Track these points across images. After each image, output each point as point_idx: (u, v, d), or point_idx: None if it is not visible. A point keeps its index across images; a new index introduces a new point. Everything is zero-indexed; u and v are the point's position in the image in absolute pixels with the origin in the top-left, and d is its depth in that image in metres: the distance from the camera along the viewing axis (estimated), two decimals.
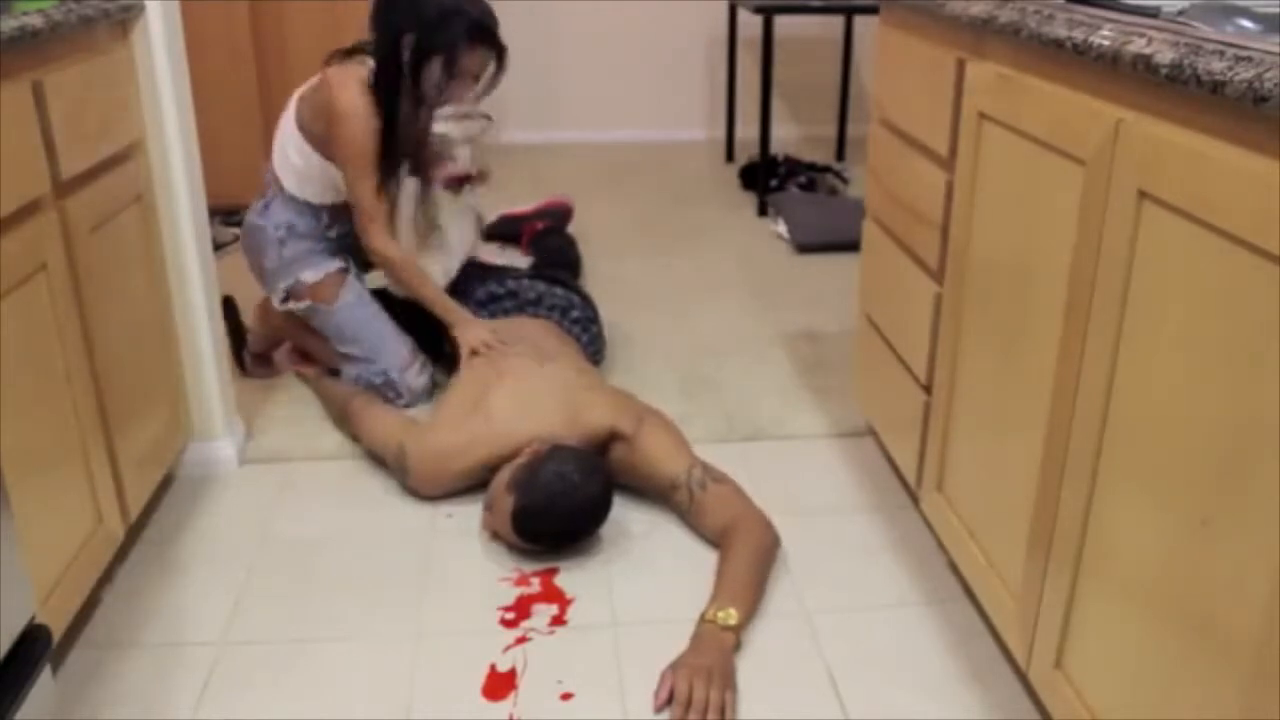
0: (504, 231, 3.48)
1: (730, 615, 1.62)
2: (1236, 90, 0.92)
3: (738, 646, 1.61)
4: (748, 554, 1.76)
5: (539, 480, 1.78)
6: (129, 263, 1.80)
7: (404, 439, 2.03)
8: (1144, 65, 1.06)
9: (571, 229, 3.45)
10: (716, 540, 1.85)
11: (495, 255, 3.04)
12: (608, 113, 5.06)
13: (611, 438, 1.95)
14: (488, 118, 2.89)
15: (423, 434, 2.03)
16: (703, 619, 1.63)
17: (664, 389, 2.41)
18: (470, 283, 2.43)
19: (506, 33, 2.21)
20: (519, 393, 2.02)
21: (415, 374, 2.37)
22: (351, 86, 2.17)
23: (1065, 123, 1.25)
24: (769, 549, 1.81)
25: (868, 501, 2.03)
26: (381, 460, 2.11)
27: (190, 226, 1.97)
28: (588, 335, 2.41)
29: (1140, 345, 1.11)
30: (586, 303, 2.49)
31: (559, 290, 2.44)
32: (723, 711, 1.48)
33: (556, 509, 1.78)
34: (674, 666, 1.55)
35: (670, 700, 1.50)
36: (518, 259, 3.21)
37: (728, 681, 1.53)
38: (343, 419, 2.25)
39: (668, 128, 5.10)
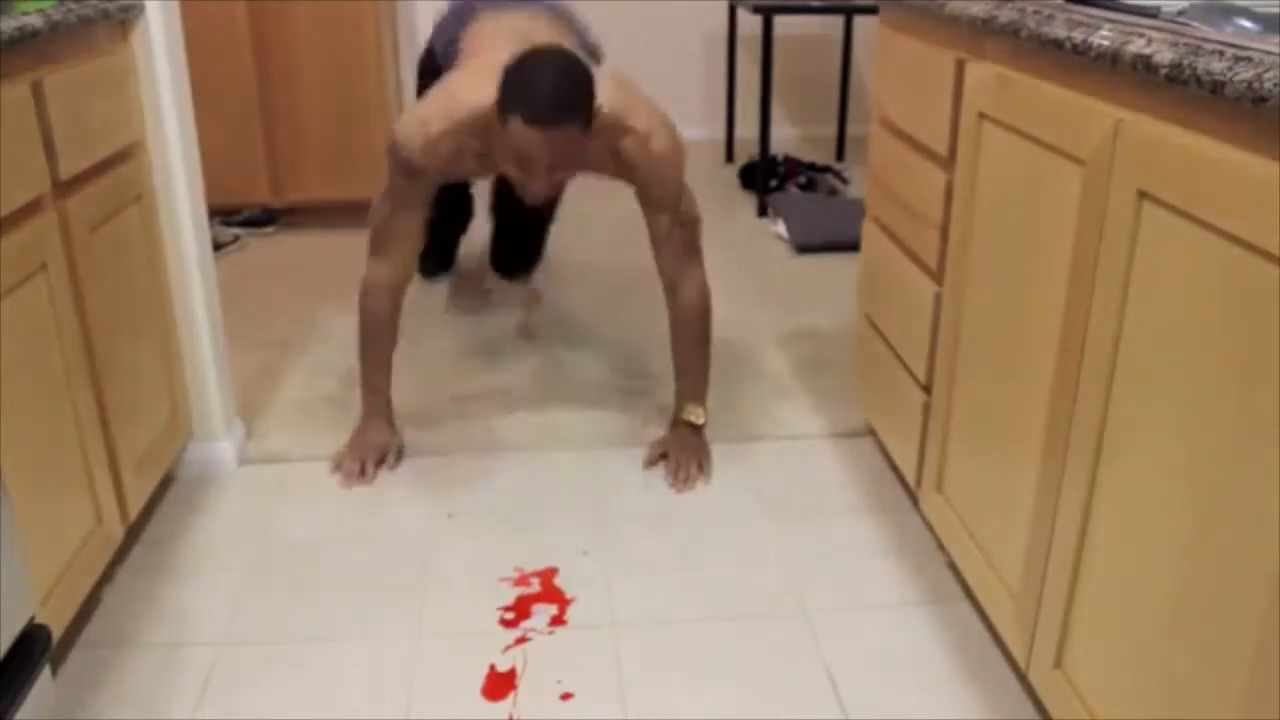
0: None
1: (699, 414, 2.02)
2: (1236, 90, 0.92)
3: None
4: (693, 342, 2.06)
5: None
6: (129, 263, 1.80)
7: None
8: (1144, 65, 1.06)
9: (571, 228, 3.44)
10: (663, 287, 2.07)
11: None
12: None
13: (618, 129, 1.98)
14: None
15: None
16: (679, 423, 2.05)
17: (663, 388, 2.41)
18: None
19: None
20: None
21: None
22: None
23: (1065, 123, 1.25)
24: (705, 323, 2.05)
25: (868, 502, 2.03)
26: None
27: (190, 226, 1.97)
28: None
29: (1139, 345, 1.11)
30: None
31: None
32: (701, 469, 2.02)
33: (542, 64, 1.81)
34: (663, 446, 2.05)
35: (657, 463, 2.04)
36: None
37: (707, 457, 2.05)
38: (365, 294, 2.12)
39: None
